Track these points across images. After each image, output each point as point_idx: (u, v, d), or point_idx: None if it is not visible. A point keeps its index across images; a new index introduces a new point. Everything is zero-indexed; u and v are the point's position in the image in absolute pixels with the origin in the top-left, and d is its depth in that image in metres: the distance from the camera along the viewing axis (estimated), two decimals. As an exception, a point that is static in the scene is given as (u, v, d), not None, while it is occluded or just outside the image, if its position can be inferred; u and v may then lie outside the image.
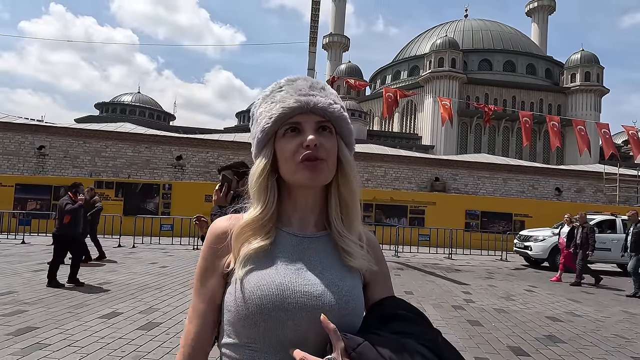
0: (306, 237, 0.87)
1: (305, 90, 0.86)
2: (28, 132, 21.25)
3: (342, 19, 75.33)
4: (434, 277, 9.51)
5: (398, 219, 17.12)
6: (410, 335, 0.75)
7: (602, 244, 11.94)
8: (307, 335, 0.77)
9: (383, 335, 0.75)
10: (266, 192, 0.86)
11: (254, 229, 0.84)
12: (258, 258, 0.82)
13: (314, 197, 0.89)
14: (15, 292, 6.00)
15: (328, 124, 0.86)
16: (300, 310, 0.77)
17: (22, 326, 4.49)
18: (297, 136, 0.83)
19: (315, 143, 0.81)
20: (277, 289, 0.78)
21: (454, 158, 26.75)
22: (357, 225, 0.90)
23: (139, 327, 4.66)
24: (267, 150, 0.87)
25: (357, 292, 0.84)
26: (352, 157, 0.91)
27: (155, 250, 11.84)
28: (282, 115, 0.84)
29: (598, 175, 24.38)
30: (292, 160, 0.83)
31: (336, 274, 0.83)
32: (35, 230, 13.66)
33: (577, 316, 6.39)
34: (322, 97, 0.86)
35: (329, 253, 0.86)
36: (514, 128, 53.97)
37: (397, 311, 0.82)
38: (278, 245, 0.85)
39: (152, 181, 18.23)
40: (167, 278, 7.70)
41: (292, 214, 0.89)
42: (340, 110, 0.88)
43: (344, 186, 0.88)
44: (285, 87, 0.88)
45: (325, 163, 0.83)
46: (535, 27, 70.79)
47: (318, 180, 0.83)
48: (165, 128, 42.61)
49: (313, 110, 0.84)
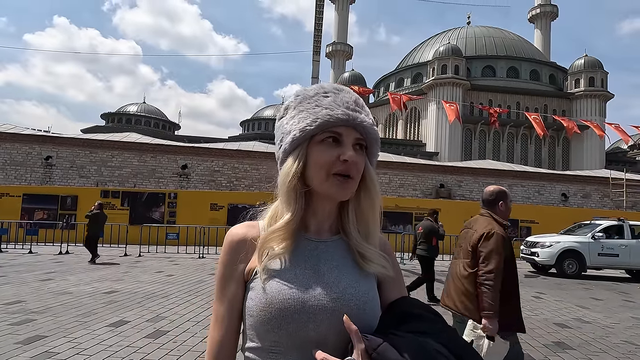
0: (322, 241, 0.89)
1: (352, 105, 0.88)
2: (35, 143, 21.46)
3: (345, 27, 75.82)
4: (440, 285, 9.46)
5: (403, 226, 17.08)
6: (428, 334, 0.76)
7: (610, 250, 11.86)
8: (327, 336, 0.79)
9: (401, 335, 0.76)
10: (296, 197, 0.86)
11: (282, 234, 0.85)
12: (279, 264, 0.84)
13: (333, 206, 0.91)
14: (23, 301, 6.04)
15: (364, 142, 0.88)
16: (320, 312, 0.79)
17: (30, 335, 4.52)
18: (335, 147, 0.84)
19: (355, 160, 0.84)
20: (297, 293, 0.80)
21: (458, 164, 26.70)
22: (376, 238, 0.92)
23: (147, 336, 4.68)
24: (300, 151, 0.87)
25: (373, 293, 0.87)
26: (375, 175, 0.93)
27: (161, 259, 11.88)
28: (327, 122, 0.85)
29: (605, 180, 24.22)
30: (326, 170, 0.84)
31: (353, 276, 0.86)
32: (43, 240, 13.75)
33: (586, 322, 6.33)
34: (365, 115, 0.89)
35: (345, 256, 0.89)
36: (519, 134, 53.83)
37: (413, 310, 0.84)
38: (298, 250, 0.86)
39: (158, 190, 18.33)
40: (174, 286, 7.72)
41: (310, 220, 0.90)
42: (377, 133, 0.91)
43: (366, 202, 0.90)
44: (331, 95, 0.89)
45: (353, 181, 0.85)
46: (538, 33, 70.87)
47: (345, 196, 0.86)
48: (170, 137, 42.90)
49: (356, 127, 0.86)
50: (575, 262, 11.77)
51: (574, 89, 55.00)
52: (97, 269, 9.48)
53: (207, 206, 16.52)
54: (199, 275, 9.24)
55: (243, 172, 22.55)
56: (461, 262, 2.95)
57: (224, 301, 0.88)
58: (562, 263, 11.78)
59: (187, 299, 6.67)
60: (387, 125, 62.01)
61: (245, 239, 0.89)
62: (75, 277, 8.32)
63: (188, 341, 4.55)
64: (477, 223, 2.98)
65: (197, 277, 8.88)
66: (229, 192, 19.24)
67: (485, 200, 3.04)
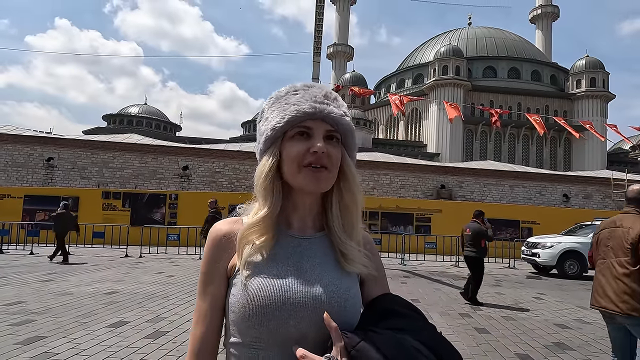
0: (305, 238, 0.90)
1: (320, 98, 0.89)
2: (37, 144, 21.52)
3: (345, 28, 75.89)
4: (441, 285, 9.46)
5: (404, 227, 17.07)
6: (407, 331, 0.77)
7: (611, 251, 11.82)
8: (307, 333, 0.79)
9: (380, 332, 0.76)
10: (272, 192, 0.87)
11: (260, 229, 0.86)
12: (260, 260, 0.84)
13: (313, 200, 0.91)
14: (24, 302, 6.06)
15: (336, 134, 0.89)
16: (301, 310, 0.80)
17: (30, 335, 4.53)
18: (305, 140, 0.86)
19: (323, 150, 0.84)
20: (279, 290, 0.80)
21: (459, 165, 26.67)
22: (358, 233, 0.92)
23: (146, 336, 4.68)
24: (274, 149, 0.88)
25: (354, 291, 0.87)
26: (354, 168, 0.93)
27: (162, 259, 11.89)
28: (294, 117, 0.86)
29: (606, 181, 24.17)
30: (297, 162, 0.85)
31: (334, 273, 0.86)
32: (44, 241, 13.78)
33: (586, 323, 6.32)
34: (335, 107, 0.89)
35: (327, 253, 0.89)
36: (520, 134, 53.78)
37: (393, 307, 0.84)
38: (278, 246, 0.87)
39: (159, 191, 18.36)
40: (174, 287, 7.73)
41: (292, 215, 0.91)
42: (349, 123, 0.91)
43: (347, 195, 0.90)
44: (300, 92, 0.90)
45: (328, 172, 0.85)
46: (539, 33, 70.84)
47: (319, 187, 0.85)
48: (171, 138, 42.96)
49: (325, 119, 0.87)
50: (576, 263, 11.74)
51: (575, 90, 54.95)
52: (97, 270, 9.50)
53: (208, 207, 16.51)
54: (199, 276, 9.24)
55: (244, 173, 22.55)
56: (615, 261, 2.98)
57: (206, 298, 0.88)
58: (563, 264, 11.75)
59: (187, 300, 6.67)
60: (388, 126, 62.01)
61: (229, 235, 0.89)
62: (76, 278, 8.34)
63: (187, 342, 4.55)
64: (626, 221, 3.02)
65: (197, 278, 8.86)
66: (230, 194, 19.25)
67: (633, 199, 3.11)
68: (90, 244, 13.89)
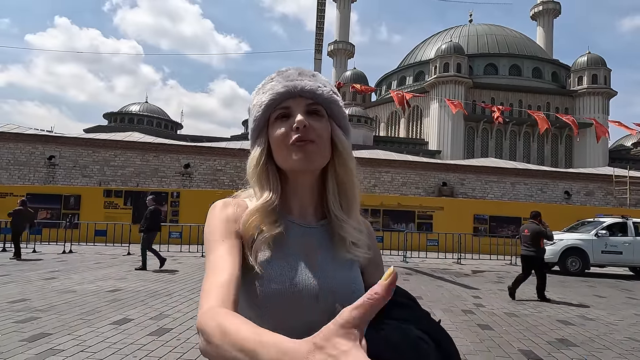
0: (310, 227, 0.88)
1: (294, 76, 0.87)
2: (38, 143, 21.56)
3: (346, 26, 75.75)
4: (443, 282, 9.46)
5: (406, 224, 17.07)
6: (408, 321, 0.78)
7: (614, 247, 11.82)
8: (316, 327, 0.78)
9: (387, 323, 0.77)
10: (268, 177, 0.86)
11: (263, 215, 0.83)
12: (270, 250, 0.82)
13: (311, 183, 0.89)
14: (28, 300, 6.08)
15: (318, 106, 0.86)
16: (313, 302, 0.79)
17: (35, 332, 4.55)
18: (287, 121, 0.84)
19: (305, 124, 0.81)
20: (290, 283, 0.79)
21: (461, 163, 26.65)
22: (356, 210, 0.91)
23: (150, 333, 4.69)
24: (261, 139, 0.88)
25: (360, 280, 0.87)
26: (348, 140, 0.90)
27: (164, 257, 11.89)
28: (271, 101, 0.85)
29: (608, 178, 24.13)
30: (284, 144, 0.83)
31: (341, 263, 0.86)
32: (46, 239, 13.81)
33: (589, 319, 6.32)
34: (310, 81, 0.87)
35: (332, 242, 0.88)
36: (521, 132, 53.71)
37: (395, 298, 0.84)
38: (287, 236, 0.84)
39: (161, 189, 18.37)
40: (177, 285, 7.74)
41: (292, 202, 0.89)
42: (330, 92, 0.88)
43: (341, 169, 0.88)
44: (275, 78, 0.89)
45: (315, 145, 0.83)
46: (540, 30, 70.62)
47: (310, 162, 0.83)
48: (172, 137, 42.97)
49: (301, 94, 0.85)
50: (578, 260, 11.74)
51: (577, 87, 54.84)
52: (100, 268, 9.53)
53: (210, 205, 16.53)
54: (202, 273, 9.23)
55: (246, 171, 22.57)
56: None
57: (225, 245, 0.79)
58: (566, 261, 11.75)
59: (190, 297, 6.69)
60: (389, 124, 61.96)
61: (235, 217, 0.85)
62: (79, 275, 8.36)
63: (192, 338, 4.56)
64: None
65: (200, 276, 8.90)
66: (232, 192, 19.21)
67: None
68: (92, 242, 13.92)
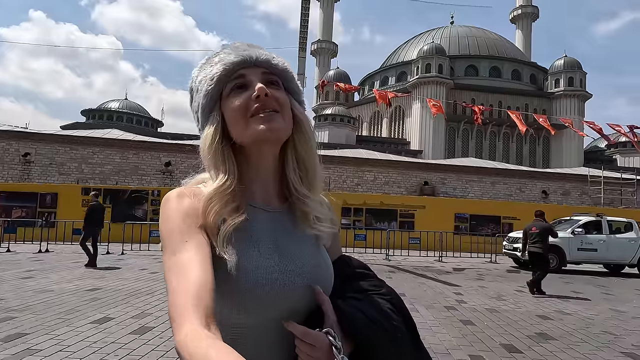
0: (275, 211, 0.83)
1: (245, 47, 0.83)
2: (13, 139, 20.90)
3: (330, 25, 75.80)
4: (426, 280, 9.57)
5: (388, 223, 17.20)
6: (371, 292, 0.79)
7: (589, 245, 12.16)
8: (295, 312, 0.75)
9: (357, 298, 0.78)
10: (224, 158, 0.78)
11: (222, 200, 0.75)
12: (237, 239, 0.75)
13: (274, 164, 0.83)
14: (3, 300, 5.89)
15: (274, 77, 0.81)
16: (289, 290, 0.75)
17: (11, 332, 4.41)
18: (244, 91, 0.78)
19: (266, 92, 0.76)
20: (265, 272, 0.74)
21: (442, 162, 27.00)
22: (319, 187, 0.86)
23: (132, 332, 4.61)
24: (214, 116, 0.80)
25: (329, 260, 0.85)
26: (305, 113, 0.86)
27: (145, 256, 11.71)
28: (224, 72, 0.79)
29: (583, 178, 24.82)
30: (243, 116, 0.77)
31: (311, 246, 0.83)
32: (21, 238, 13.41)
33: (566, 314, 6.49)
34: (263, 51, 0.83)
35: (298, 225, 0.83)
36: (501, 132, 54.73)
37: (355, 270, 0.87)
38: (253, 223, 0.78)
39: (141, 187, 18.04)
40: (158, 283, 7.61)
41: (254, 187, 0.82)
42: (284, 64, 0.84)
43: (301, 144, 0.82)
44: (224, 50, 0.83)
45: (279, 115, 0.77)
46: (519, 33, 72.08)
47: (275, 131, 0.76)
48: (152, 134, 42.18)
49: (257, 63, 0.80)
50: (555, 257, 12.02)
51: (554, 89, 56.16)
52: (78, 267, 9.30)
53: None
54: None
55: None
56: None
57: (189, 247, 0.70)
58: (543, 258, 12.01)
59: (172, 296, 6.59)
60: (372, 123, 62.29)
61: (193, 208, 0.76)
62: (56, 275, 8.15)
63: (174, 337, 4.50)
64: None
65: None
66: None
67: None
68: (70, 241, 13.58)
